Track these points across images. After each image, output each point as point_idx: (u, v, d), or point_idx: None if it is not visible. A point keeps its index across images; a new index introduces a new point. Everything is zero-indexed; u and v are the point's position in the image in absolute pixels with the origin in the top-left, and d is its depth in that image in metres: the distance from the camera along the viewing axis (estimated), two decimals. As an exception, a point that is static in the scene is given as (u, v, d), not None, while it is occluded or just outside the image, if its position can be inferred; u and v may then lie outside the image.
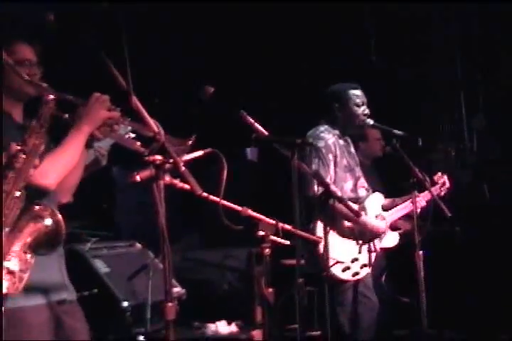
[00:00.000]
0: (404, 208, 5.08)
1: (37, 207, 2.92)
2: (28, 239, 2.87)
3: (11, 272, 2.82)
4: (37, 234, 2.89)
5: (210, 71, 6.63)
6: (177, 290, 5.58)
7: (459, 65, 7.47)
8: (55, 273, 3.21)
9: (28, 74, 3.10)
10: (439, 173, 5.33)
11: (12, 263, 2.82)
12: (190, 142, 3.16)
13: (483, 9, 7.23)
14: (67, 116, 3.13)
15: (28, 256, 2.87)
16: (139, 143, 3.06)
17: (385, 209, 5.07)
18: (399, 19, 7.37)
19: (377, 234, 4.89)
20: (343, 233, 4.79)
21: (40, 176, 3.02)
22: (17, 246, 2.85)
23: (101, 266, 5.31)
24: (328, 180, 4.71)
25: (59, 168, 3.08)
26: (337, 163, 4.88)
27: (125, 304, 5.15)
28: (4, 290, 2.79)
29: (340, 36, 7.29)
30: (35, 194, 2.99)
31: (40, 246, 2.91)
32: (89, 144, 3.18)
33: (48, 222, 2.91)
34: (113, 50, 2.91)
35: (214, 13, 6.85)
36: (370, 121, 4.95)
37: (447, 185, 5.32)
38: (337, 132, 4.96)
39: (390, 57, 7.45)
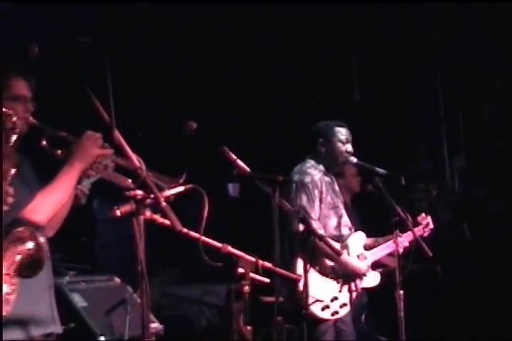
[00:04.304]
0: (386, 248, 5.07)
1: (18, 230, 2.90)
2: (11, 262, 2.84)
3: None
4: (19, 257, 2.87)
5: (194, 106, 6.64)
6: (154, 325, 5.50)
7: (441, 105, 7.53)
8: (46, 305, 3.20)
9: (23, 111, 3.13)
10: (423, 214, 5.33)
11: None
12: (181, 180, 3.17)
13: (466, 50, 7.32)
14: (59, 152, 3.13)
15: (14, 279, 2.84)
16: (130, 181, 3.06)
17: (367, 248, 5.06)
18: (383, 58, 7.43)
19: (358, 275, 4.87)
20: (324, 271, 4.77)
21: (31, 212, 3.02)
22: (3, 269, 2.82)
23: (78, 300, 5.23)
24: (313, 216, 4.71)
25: (50, 204, 3.08)
26: (322, 200, 4.87)
27: (102, 339, 5.08)
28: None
29: (324, 74, 7.33)
30: None
31: (24, 269, 2.88)
32: (79, 181, 3.19)
33: (30, 245, 2.89)
34: (97, 85, 2.92)
35: (198, 48, 6.89)
36: (354, 159, 4.97)
37: (431, 226, 5.32)
38: (322, 168, 4.97)
39: (373, 95, 7.50)
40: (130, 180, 3.05)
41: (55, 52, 3.12)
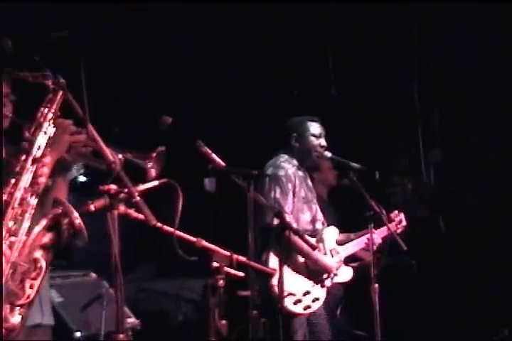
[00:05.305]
0: (359, 243, 5.08)
1: (55, 209, 2.92)
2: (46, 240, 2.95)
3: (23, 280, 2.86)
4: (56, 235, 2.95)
5: (168, 101, 6.63)
6: (131, 320, 5.51)
7: (416, 99, 7.55)
8: None
9: None
10: (396, 211, 5.34)
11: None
12: (154, 154, 3.18)
13: (441, 44, 7.36)
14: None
15: (42, 262, 2.92)
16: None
17: (340, 244, 5.06)
18: (358, 53, 7.45)
19: (329, 272, 4.87)
20: (296, 267, 4.77)
21: None
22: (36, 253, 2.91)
23: (54, 296, 5.22)
24: (286, 209, 4.71)
25: None
26: (295, 194, 4.88)
27: (78, 334, 5.08)
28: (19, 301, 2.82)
29: (300, 69, 7.34)
30: None
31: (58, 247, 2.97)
32: (66, 168, 3.20)
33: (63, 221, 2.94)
34: (71, 79, 2.91)
35: (173, 43, 6.88)
36: (328, 154, 4.98)
37: (404, 223, 5.33)
38: (296, 163, 4.98)
39: (348, 90, 7.52)
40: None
41: (29, 46, 3.10)
